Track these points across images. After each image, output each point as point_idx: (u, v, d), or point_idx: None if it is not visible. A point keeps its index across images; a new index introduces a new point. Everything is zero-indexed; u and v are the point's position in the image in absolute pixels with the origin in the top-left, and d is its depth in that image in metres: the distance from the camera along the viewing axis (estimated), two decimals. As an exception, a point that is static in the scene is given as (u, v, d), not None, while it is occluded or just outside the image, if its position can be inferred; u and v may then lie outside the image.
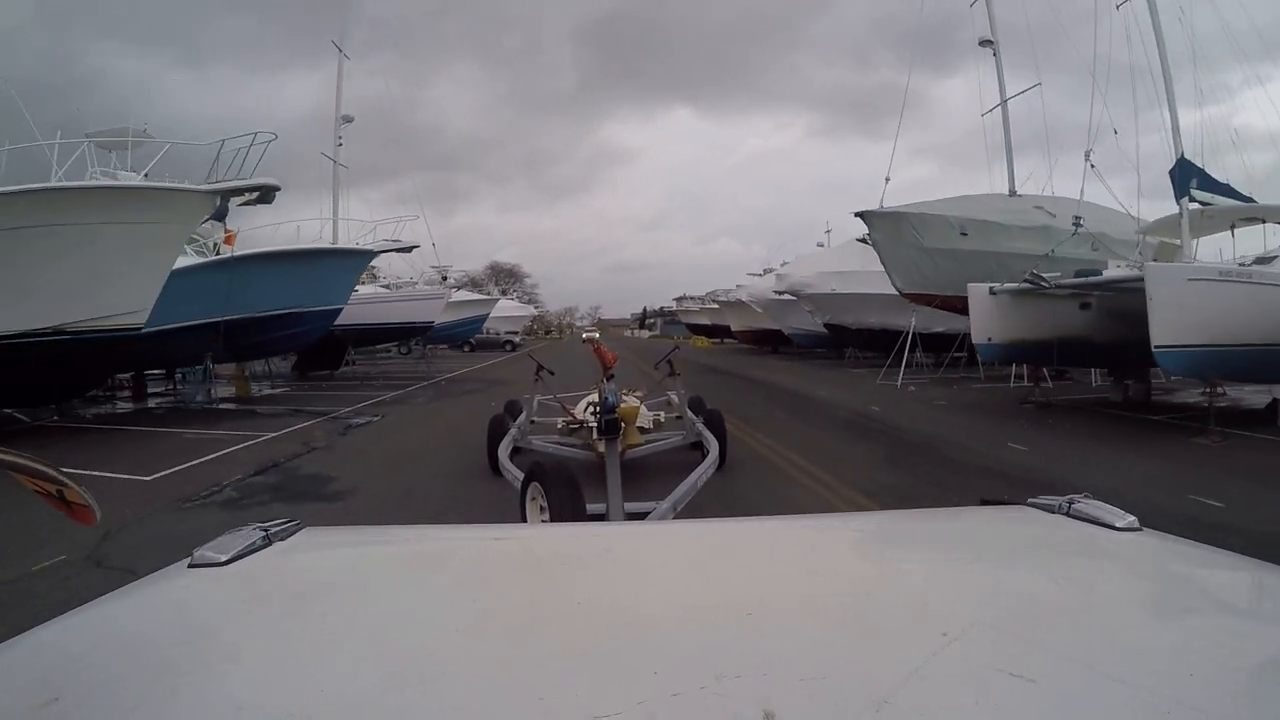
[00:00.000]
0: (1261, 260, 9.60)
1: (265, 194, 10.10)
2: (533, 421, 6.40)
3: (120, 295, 8.67)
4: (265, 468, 6.62)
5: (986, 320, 11.47)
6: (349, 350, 20.03)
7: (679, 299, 65.12)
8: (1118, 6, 11.10)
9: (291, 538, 0.92)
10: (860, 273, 19.95)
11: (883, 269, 16.17)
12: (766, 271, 33.10)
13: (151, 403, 12.66)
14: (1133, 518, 0.89)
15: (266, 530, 0.89)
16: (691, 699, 0.48)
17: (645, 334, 75.25)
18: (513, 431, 5.77)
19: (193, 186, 9.42)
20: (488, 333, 36.10)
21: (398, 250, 17.18)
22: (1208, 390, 8.97)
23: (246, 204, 10.60)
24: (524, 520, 3.53)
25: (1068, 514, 0.95)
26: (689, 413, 6.33)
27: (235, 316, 11.98)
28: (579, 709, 0.47)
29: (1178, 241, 10.56)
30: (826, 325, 23.04)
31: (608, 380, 4.89)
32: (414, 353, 24.75)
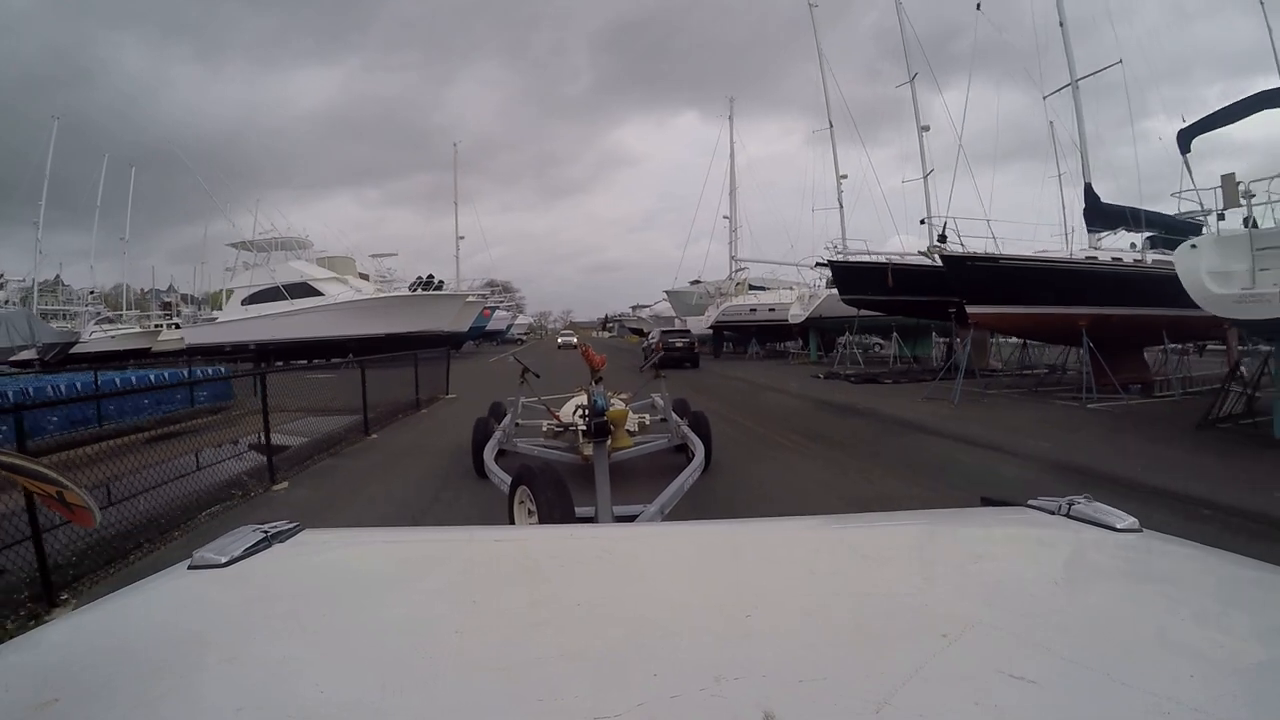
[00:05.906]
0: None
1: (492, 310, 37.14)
2: (517, 424, 6.46)
3: (444, 319, 30.67)
4: (516, 351, 34.76)
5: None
6: (465, 341, 48.02)
7: (634, 307, 76.63)
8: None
9: (291, 539, 0.94)
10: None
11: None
12: (665, 295, 61.94)
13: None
14: (1133, 519, 0.89)
15: (266, 532, 0.91)
16: (691, 700, 0.48)
17: (605, 335, 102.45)
18: (497, 434, 5.79)
19: (458, 292, 33.78)
20: (511, 334, 64.87)
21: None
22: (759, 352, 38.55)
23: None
24: (511, 524, 3.51)
25: (1068, 515, 0.95)
26: (674, 415, 6.37)
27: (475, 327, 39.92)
28: (578, 710, 0.48)
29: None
30: (674, 330, 52.30)
31: (596, 383, 4.87)
32: (479, 346, 52.77)
